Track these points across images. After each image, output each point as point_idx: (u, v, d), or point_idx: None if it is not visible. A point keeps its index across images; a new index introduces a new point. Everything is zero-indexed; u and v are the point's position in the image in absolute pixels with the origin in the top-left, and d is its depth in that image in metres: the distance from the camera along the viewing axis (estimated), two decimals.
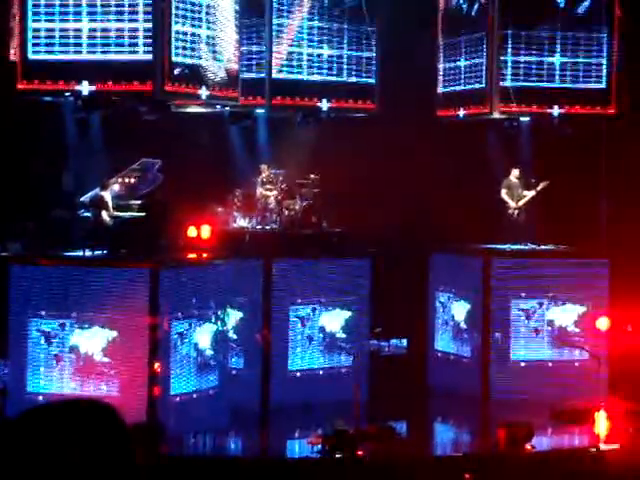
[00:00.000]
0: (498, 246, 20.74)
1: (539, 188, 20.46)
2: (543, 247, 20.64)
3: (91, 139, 19.54)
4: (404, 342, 22.57)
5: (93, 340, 17.11)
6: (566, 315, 20.32)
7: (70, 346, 17.17)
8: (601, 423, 17.12)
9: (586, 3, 20.63)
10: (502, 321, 20.14)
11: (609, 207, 19.93)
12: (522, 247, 20.59)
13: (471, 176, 21.07)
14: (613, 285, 19.94)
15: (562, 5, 20.67)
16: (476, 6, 21.04)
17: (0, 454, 2.08)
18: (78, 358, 17.11)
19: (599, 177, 19.95)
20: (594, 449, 16.31)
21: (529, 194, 20.59)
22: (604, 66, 20.72)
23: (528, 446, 16.54)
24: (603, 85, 20.74)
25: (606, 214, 19.59)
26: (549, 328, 20.28)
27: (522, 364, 20.18)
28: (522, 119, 21.01)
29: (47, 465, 2.03)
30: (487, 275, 20.11)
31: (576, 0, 20.64)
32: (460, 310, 20.98)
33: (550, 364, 20.12)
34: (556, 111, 20.70)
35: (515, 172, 20.74)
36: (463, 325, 20.90)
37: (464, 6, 21.34)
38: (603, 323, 19.15)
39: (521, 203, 20.67)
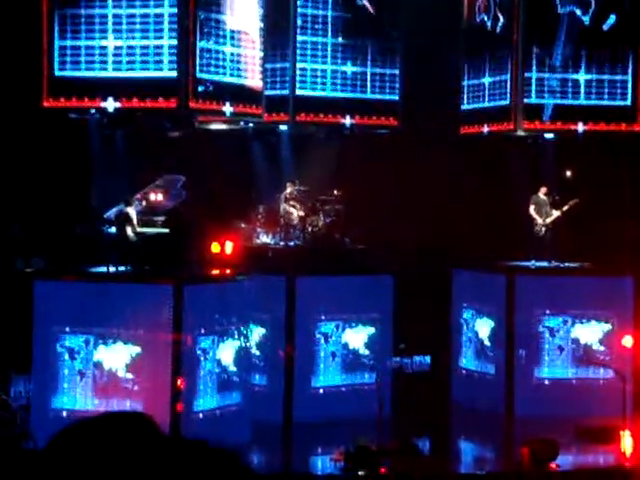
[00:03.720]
0: (523, 263, 20.66)
1: (566, 207, 20.40)
2: (568, 264, 20.54)
3: (116, 155, 19.63)
4: (428, 359, 22.50)
5: (117, 356, 17.14)
6: (591, 333, 20.22)
7: (94, 362, 17.21)
8: (627, 441, 16.97)
9: (611, 21, 20.59)
10: (526, 338, 20.05)
11: (634, 224, 19.83)
12: (546, 264, 20.51)
13: (495, 193, 21.02)
14: (638, 302, 19.81)
15: (587, 22, 20.63)
16: (500, 23, 21.03)
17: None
18: (102, 374, 17.14)
19: (624, 194, 19.86)
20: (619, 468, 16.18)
21: (557, 212, 20.52)
22: (629, 83, 20.66)
23: (553, 465, 16.43)
24: (628, 102, 20.68)
25: (631, 231, 19.49)
26: (574, 346, 20.18)
27: (546, 382, 20.07)
28: (546, 136, 20.97)
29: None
30: (511, 292, 20.02)
31: (601, 17, 20.60)
32: (484, 327, 20.89)
33: (574, 382, 20.01)
34: (581, 128, 20.65)
35: (543, 189, 20.71)
36: (487, 342, 20.81)
37: (488, 23, 21.33)
38: (628, 341, 19.02)
39: (549, 221, 20.61)
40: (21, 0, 18.90)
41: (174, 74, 17.77)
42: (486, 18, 21.35)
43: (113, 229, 18.38)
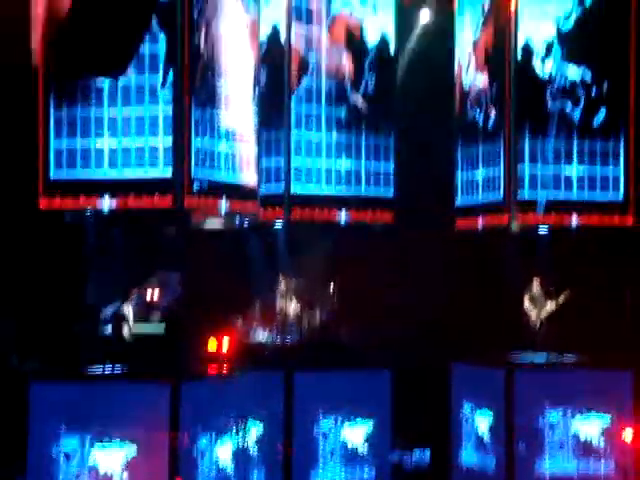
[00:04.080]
0: (520, 356, 20.64)
1: (560, 299, 20.50)
2: (566, 357, 20.54)
3: (111, 252, 19.69)
4: (427, 453, 22.31)
5: (113, 457, 16.99)
6: (591, 426, 20.11)
7: (90, 464, 17.04)
8: None
9: (601, 115, 20.90)
10: (526, 433, 19.93)
11: (632, 317, 19.92)
12: (544, 358, 20.49)
13: (490, 285, 21.10)
14: (637, 396, 19.75)
15: (577, 119, 20.95)
16: (492, 118, 21.32)
17: None
18: (97, 476, 16.96)
19: (621, 287, 19.97)
20: None
21: (551, 306, 20.62)
22: (621, 177, 20.93)
23: None
24: (620, 196, 20.92)
25: (628, 324, 19.58)
26: (574, 440, 20.07)
27: (547, 477, 19.92)
28: (540, 229, 21.14)
29: None
30: (510, 387, 19.96)
31: (591, 112, 20.91)
32: (483, 421, 20.78)
33: (576, 477, 19.86)
34: (574, 221, 20.85)
35: (537, 281, 20.83)
36: (486, 437, 20.69)
37: (479, 120, 21.63)
38: (629, 435, 18.93)
39: (544, 313, 20.69)
40: (17, 102, 19.12)
41: (169, 173, 17.93)
42: (477, 113, 21.66)
43: (109, 328, 18.37)
